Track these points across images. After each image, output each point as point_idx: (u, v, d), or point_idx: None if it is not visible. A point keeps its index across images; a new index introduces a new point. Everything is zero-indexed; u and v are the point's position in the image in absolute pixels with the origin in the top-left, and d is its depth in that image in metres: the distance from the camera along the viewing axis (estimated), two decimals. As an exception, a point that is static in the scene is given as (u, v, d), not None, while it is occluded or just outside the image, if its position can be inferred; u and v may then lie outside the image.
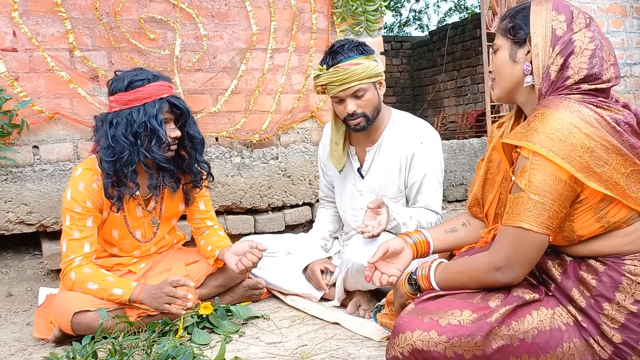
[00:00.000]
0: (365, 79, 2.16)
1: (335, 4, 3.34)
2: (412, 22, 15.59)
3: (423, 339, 1.36)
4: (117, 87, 2.04)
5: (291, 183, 3.31)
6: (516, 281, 1.41)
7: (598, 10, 4.48)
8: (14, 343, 2.07)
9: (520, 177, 1.36)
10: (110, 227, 2.17)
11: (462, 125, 7.60)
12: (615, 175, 1.34)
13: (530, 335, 1.36)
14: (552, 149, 1.31)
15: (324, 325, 2.08)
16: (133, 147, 2.00)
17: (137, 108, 2.01)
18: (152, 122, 2.00)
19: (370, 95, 2.20)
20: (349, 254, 2.09)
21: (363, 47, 2.21)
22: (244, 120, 3.19)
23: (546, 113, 1.36)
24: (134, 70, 2.09)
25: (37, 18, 2.72)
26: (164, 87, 2.07)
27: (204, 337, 1.95)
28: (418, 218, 2.19)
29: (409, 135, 2.29)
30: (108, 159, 2.00)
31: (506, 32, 1.50)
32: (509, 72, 1.51)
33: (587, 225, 1.39)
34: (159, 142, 2.03)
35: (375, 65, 2.19)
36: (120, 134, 1.99)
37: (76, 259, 2.02)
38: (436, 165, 2.29)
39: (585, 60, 1.39)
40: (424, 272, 1.58)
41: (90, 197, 2.05)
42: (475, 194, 1.71)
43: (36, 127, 2.74)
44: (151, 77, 2.05)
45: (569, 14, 1.43)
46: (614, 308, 1.36)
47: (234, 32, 3.15)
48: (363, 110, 2.20)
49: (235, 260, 2.11)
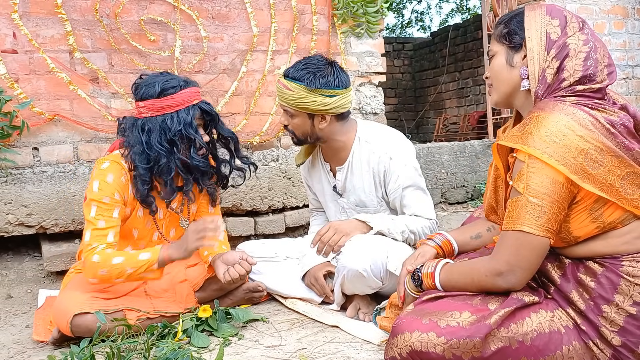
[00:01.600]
0: (293, 106, 2.14)
1: (336, 6, 3.33)
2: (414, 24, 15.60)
3: (422, 340, 1.36)
4: (147, 93, 2.03)
5: (292, 185, 3.31)
6: (518, 286, 1.41)
7: (600, 11, 4.46)
8: (12, 345, 2.06)
9: (518, 180, 1.36)
10: (131, 226, 2.18)
11: (463, 127, 7.59)
12: (611, 177, 1.34)
13: (529, 337, 1.36)
14: (546, 151, 1.32)
15: (324, 328, 2.07)
16: (170, 154, 2.02)
17: (170, 115, 2.02)
18: (188, 130, 2.02)
19: (299, 122, 2.18)
20: (344, 259, 2.08)
21: (314, 78, 2.08)
22: (245, 122, 3.19)
23: (541, 116, 1.36)
24: (162, 76, 2.08)
25: (37, 20, 2.72)
26: (194, 94, 2.08)
27: (203, 340, 1.94)
28: (411, 227, 2.18)
29: (376, 152, 2.24)
30: (144, 165, 2.01)
31: (501, 38, 1.51)
32: (507, 77, 1.51)
33: (583, 226, 1.39)
34: (196, 148, 2.06)
35: (314, 100, 2.09)
36: (155, 141, 2.00)
37: (100, 246, 1.99)
38: (412, 175, 2.24)
39: (579, 63, 1.39)
40: (429, 269, 1.58)
41: (118, 190, 2.04)
42: (489, 202, 1.69)
43: (36, 129, 2.74)
44: (182, 84, 2.05)
45: (562, 18, 1.45)
46: (613, 310, 1.36)
47: (234, 34, 3.15)
48: (292, 129, 2.22)
49: (223, 270, 2.11)
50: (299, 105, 2.12)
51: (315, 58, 2.17)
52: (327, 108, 2.12)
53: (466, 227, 1.84)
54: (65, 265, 2.69)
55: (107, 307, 1.99)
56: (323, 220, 2.59)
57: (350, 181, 2.32)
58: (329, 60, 2.17)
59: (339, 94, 2.13)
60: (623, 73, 4.57)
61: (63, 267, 2.70)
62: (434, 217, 2.28)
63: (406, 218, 2.23)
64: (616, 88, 4.52)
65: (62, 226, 2.76)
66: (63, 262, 2.72)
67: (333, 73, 2.13)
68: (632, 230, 1.39)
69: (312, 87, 2.09)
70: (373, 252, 2.04)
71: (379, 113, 3.57)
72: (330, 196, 2.44)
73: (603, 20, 4.48)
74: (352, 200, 2.36)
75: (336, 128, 2.23)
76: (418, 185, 2.26)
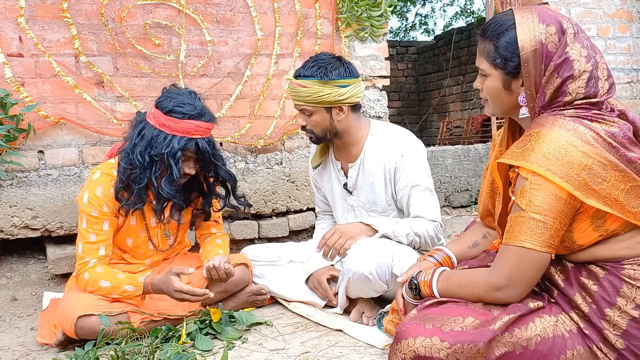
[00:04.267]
0: (311, 102, 2.17)
1: (340, 10, 3.34)
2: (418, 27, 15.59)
3: (425, 345, 1.36)
4: (162, 104, 2.05)
5: (295, 188, 3.31)
6: (516, 300, 1.40)
7: (604, 15, 4.46)
8: (17, 348, 2.07)
9: (521, 197, 1.35)
10: (125, 235, 2.20)
11: (467, 130, 7.58)
12: (614, 192, 1.33)
13: (533, 342, 1.36)
14: (549, 168, 1.31)
15: (327, 332, 2.07)
16: (145, 169, 2.02)
17: (164, 135, 2.01)
18: (169, 158, 2.00)
19: (318, 118, 2.22)
20: (349, 262, 2.08)
21: (326, 71, 2.14)
22: (249, 126, 3.20)
23: (542, 132, 1.35)
24: (186, 97, 2.07)
25: (43, 23, 2.74)
26: (200, 129, 2.05)
27: (207, 343, 1.95)
28: (415, 230, 2.19)
29: (389, 149, 2.27)
30: (124, 165, 2.04)
31: (493, 62, 1.43)
32: (505, 100, 1.48)
33: (586, 235, 1.39)
34: (169, 178, 2.04)
35: (329, 92, 2.15)
36: (139, 150, 2.02)
37: (91, 261, 2.05)
38: (422, 175, 2.26)
39: (582, 85, 1.37)
40: (426, 277, 1.57)
41: (107, 202, 2.07)
42: (485, 205, 1.68)
43: (41, 132, 2.76)
44: (194, 115, 2.03)
45: (558, 25, 1.38)
46: (615, 314, 1.36)
47: (238, 38, 3.16)
48: (311, 128, 2.24)
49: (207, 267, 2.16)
50: (316, 100, 2.16)
51: (322, 54, 2.24)
52: (343, 98, 2.17)
53: (463, 237, 1.83)
54: (70, 267, 2.70)
55: (112, 309, 2.00)
56: (329, 224, 2.59)
57: (362, 178, 2.33)
58: (335, 55, 2.24)
59: (352, 83, 2.19)
60: (628, 77, 4.57)
61: (67, 270, 2.70)
62: (439, 220, 2.28)
63: (411, 221, 2.23)
64: (620, 92, 4.52)
65: (66, 229, 2.77)
66: (68, 265, 2.72)
67: (342, 65, 2.19)
68: (634, 235, 1.39)
69: (325, 79, 2.14)
70: (379, 255, 2.05)
71: (382, 117, 3.58)
72: (340, 195, 2.44)
73: (607, 24, 4.48)
74: (362, 199, 2.36)
75: (352, 121, 2.28)
76: (426, 185, 2.27)
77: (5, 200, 2.67)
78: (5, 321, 2.39)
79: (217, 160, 2.15)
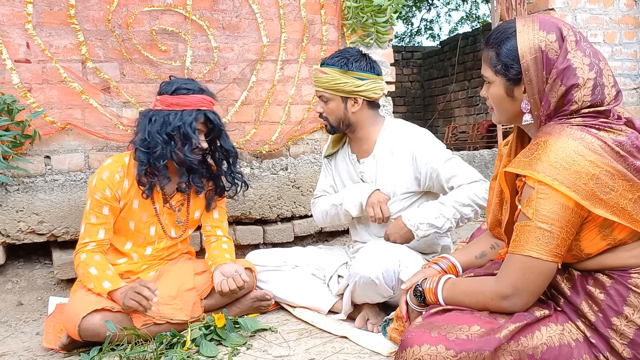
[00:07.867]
0: (328, 89, 2.26)
1: (345, 16, 3.35)
2: (424, 32, 15.60)
3: (431, 354, 1.35)
4: (164, 89, 2.24)
5: (300, 194, 3.31)
6: (522, 310, 1.40)
7: (610, 21, 4.45)
8: (23, 352, 2.08)
9: (527, 206, 1.34)
10: (128, 218, 2.27)
11: (472, 136, 7.57)
12: (622, 201, 1.32)
13: (539, 351, 1.35)
14: (557, 177, 1.30)
15: (332, 338, 2.07)
16: (165, 146, 2.18)
17: (175, 112, 2.19)
18: (186, 128, 2.17)
19: (333, 106, 2.29)
20: (356, 266, 2.08)
21: (347, 62, 2.24)
22: (254, 131, 3.20)
23: (549, 141, 1.34)
24: (186, 79, 2.30)
25: (50, 30, 2.76)
26: (205, 101, 2.24)
27: (212, 349, 1.95)
28: (452, 203, 2.14)
29: (403, 139, 2.30)
30: (142, 150, 2.18)
31: (495, 68, 1.44)
32: (509, 108, 1.48)
33: (594, 243, 1.38)
34: (190, 147, 2.20)
35: (347, 81, 2.23)
36: (155, 131, 2.18)
37: (91, 243, 2.19)
38: (439, 151, 2.25)
39: (588, 93, 1.36)
40: (432, 285, 1.57)
41: (110, 186, 2.20)
42: (494, 215, 1.66)
43: (48, 138, 2.77)
44: (197, 90, 2.24)
45: (557, 32, 1.38)
46: (622, 323, 1.35)
47: (244, 44, 3.17)
48: (327, 115, 2.32)
49: (218, 280, 2.19)
50: (333, 87, 2.25)
51: (349, 48, 2.35)
52: (359, 90, 2.24)
53: (470, 246, 1.81)
54: (75, 272, 2.70)
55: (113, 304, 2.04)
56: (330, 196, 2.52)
57: (381, 172, 2.32)
58: (362, 52, 2.32)
59: (370, 78, 2.26)
60: (634, 83, 4.55)
61: (73, 275, 2.71)
62: (480, 177, 2.20)
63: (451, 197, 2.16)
64: (627, 98, 4.50)
65: (72, 234, 2.78)
66: (73, 270, 2.70)
67: (366, 60, 2.28)
68: None
69: (345, 69, 2.24)
70: (385, 260, 2.04)
71: (388, 122, 3.57)
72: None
73: (614, 30, 4.47)
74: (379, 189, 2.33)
75: (366, 115, 2.32)
76: (447, 157, 2.24)
77: (12, 206, 2.69)
78: (11, 326, 2.40)
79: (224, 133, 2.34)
